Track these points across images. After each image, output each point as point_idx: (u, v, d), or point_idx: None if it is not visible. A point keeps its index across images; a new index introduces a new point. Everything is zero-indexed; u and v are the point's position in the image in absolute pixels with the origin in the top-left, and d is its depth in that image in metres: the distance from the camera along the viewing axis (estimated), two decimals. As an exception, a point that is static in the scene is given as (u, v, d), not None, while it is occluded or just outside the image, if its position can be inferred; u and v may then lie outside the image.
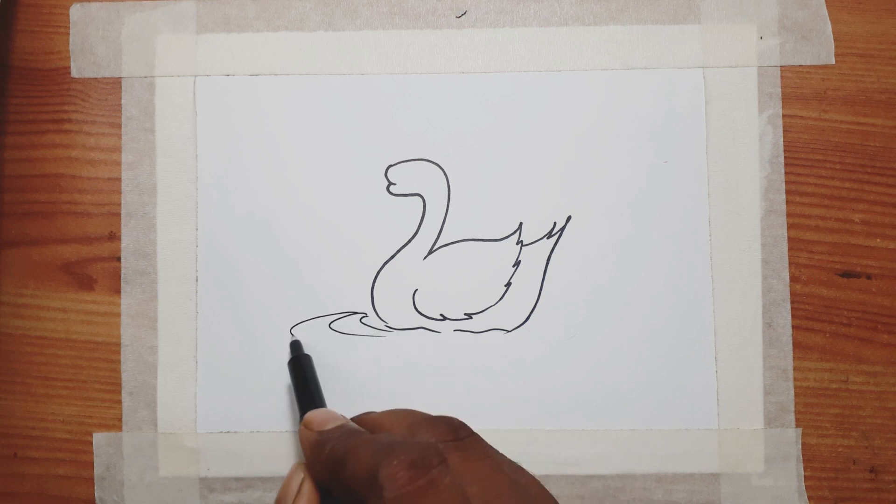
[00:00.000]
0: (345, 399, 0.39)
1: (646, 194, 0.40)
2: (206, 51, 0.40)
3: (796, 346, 0.39)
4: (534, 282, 0.39)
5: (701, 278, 0.39)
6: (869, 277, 0.39)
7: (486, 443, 0.29)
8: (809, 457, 0.39)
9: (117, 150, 0.40)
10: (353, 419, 0.33)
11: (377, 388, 0.39)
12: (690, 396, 0.39)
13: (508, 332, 0.39)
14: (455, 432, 0.29)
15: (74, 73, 0.40)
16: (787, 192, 0.39)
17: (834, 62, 0.40)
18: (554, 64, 0.40)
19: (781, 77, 0.40)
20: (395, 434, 0.29)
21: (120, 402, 0.39)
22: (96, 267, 0.40)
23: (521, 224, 0.40)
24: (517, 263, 0.40)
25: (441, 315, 0.40)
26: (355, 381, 0.39)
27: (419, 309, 0.39)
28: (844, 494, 0.39)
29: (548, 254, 0.40)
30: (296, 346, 0.38)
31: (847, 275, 0.39)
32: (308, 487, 0.30)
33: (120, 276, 0.40)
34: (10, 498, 0.39)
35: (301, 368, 0.37)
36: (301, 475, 0.31)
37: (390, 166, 0.40)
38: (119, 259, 0.40)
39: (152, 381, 0.39)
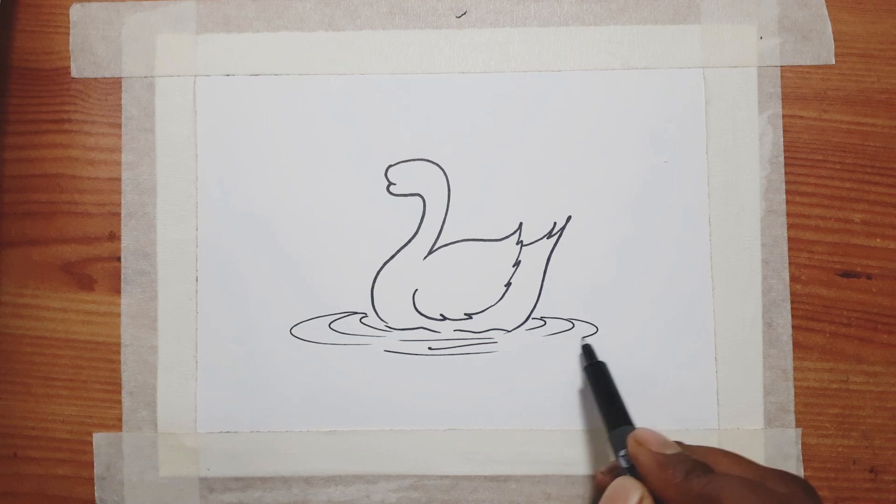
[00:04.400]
0: (345, 399, 0.39)
1: (646, 194, 0.40)
2: (206, 51, 0.40)
3: (796, 346, 0.39)
4: (534, 282, 0.39)
5: (701, 278, 0.39)
6: (869, 277, 0.39)
7: None
8: (809, 457, 0.39)
9: (117, 150, 0.40)
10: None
11: (377, 387, 0.39)
12: (690, 396, 0.39)
13: (508, 332, 0.39)
14: (812, 496, 0.29)
15: (74, 73, 0.40)
16: (787, 192, 0.39)
17: (834, 62, 0.40)
18: (554, 64, 0.40)
19: (781, 77, 0.40)
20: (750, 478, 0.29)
21: (120, 402, 0.39)
22: (96, 267, 0.40)
23: (521, 224, 0.40)
24: (517, 263, 0.40)
25: (441, 315, 0.40)
26: (356, 381, 0.39)
27: (419, 309, 0.39)
28: (844, 494, 0.39)
29: (548, 254, 0.40)
30: (589, 351, 0.38)
31: (847, 275, 0.39)
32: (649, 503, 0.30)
33: (120, 276, 0.40)
34: (10, 498, 0.39)
35: (604, 375, 0.37)
36: (639, 492, 0.30)
37: (390, 166, 0.40)
38: (119, 259, 0.40)
39: (152, 381, 0.39)
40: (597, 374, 0.37)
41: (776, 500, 0.27)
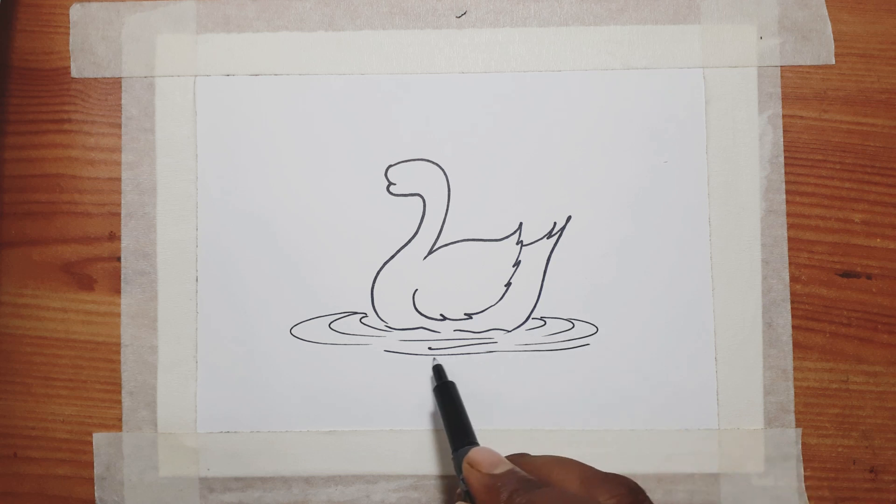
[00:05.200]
0: (345, 399, 0.39)
1: (646, 194, 0.40)
2: (206, 51, 0.40)
3: (796, 346, 0.39)
4: (534, 282, 0.39)
5: (701, 278, 0.39)
6: (869, 277, 0.39)
7: None
8: (809, 457, 0.39)
9: (117, 150, 0.40)
10: (509, 458, 0.33)
11: (377, 387, 0.39)
12: (690, 396, 0.39)
13: (508, 332, 0.39)
14: (634, 496, 0.29)
15: (74, 73, 0.40)
16: (787, 192, 0.39)
17: (834, 62, 0.40)
18: (554, 64, 0.40)
19: (781, 77, 0.40)
20: (571, 489, 0.30)
21: (120, 402, 0.39)
22: (96, 267, 0.40)
23: (521, 224, 0.40)
24: (517, 263, 0.40)
25: (441, 315, 0.40)
26: (356, 382, 0.39)
27: (419, 309, 0.39)
28: (844, 494, 0.39)
29: (548, 254, 0.40)
30: (439, 372, 0.38)
31: (847, 275, 0.39)
32: None
33: (120, 276, 0.40)
34: (10, 498, 0.39)
35: (450, 396, 0.37)
36: None
37: (390, 166, 0.40)
38: (119, 259, 0.40)
39: (152, 381, 0.39)
40: (444, 395, 0.37)
41: None
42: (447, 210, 0.40)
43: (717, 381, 0.39)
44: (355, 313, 0.39)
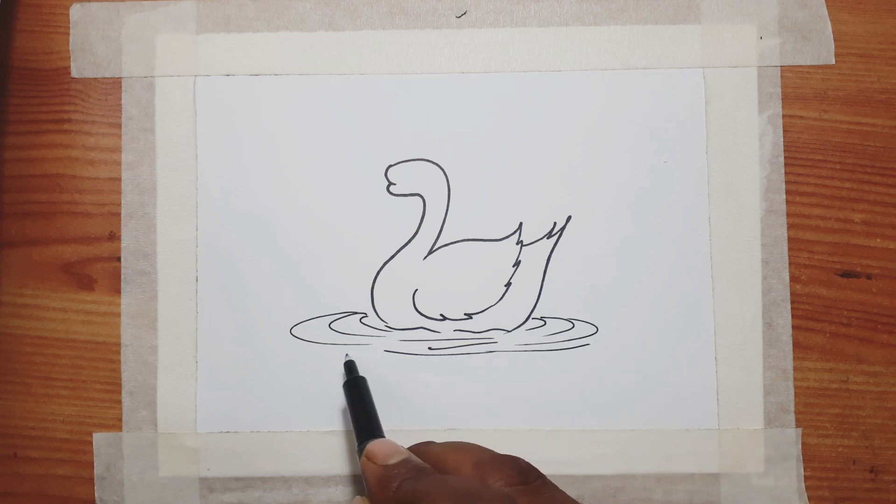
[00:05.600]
0: (344, 400, 0.39)
1: (646, 194, 0.40)
2: (206, 51, 0.40)
3: (796, 346, 0.39)
4: (534, 282, 0.39)
5: (701, 278, 0.39)
6: (869, 277, 0.39)
7: (553, 485, 0.29)
8: (809, 457, 0.39)
9: (117, 150, 0.40)
10: (411, 448, 0.33)
11: (377, 387, 0.39)
12: (690, 396, 0.39)
13: (508, 332, 0.39)
14: (524, 476, 0.29)
15: (74, 73, 0.40)
16: (787, 192, 0.39)
17: (834, 62, 0.40)
18: (554, 64, 0.40)
19: (781, 77, 0.40)
20: (463, 474, 0.30)
21: (120, 402, 0.39)
22: (96, 267, 0.40)
23: (521, 224, 0.40)
24: (517, 263, 0.40)
25: (441, 315, 0.40)
26: (355, 381, 0.39)
27: (419, 309, 0.39)
28: (844, 494, 0.39)
29: (548, 254, 0.40)
30: (350, 367, 0.38)
31: (847, 275, 0.39)
32: None
33: (120, 276, 0.40)
34: (10, 498, 0.39)
35: (358, 391, 0.37)
36: None
37: (390, 166, 0.40)
38: (119, 259, 0.40)
39: (152, 381, 0.39)
40: (352, 390, 0.37)
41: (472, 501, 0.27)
42: (447, 210, 0.40)
43: (717, 381, 0.39)
44: (355, 313, 0.39)
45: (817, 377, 0.39)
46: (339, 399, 0.39)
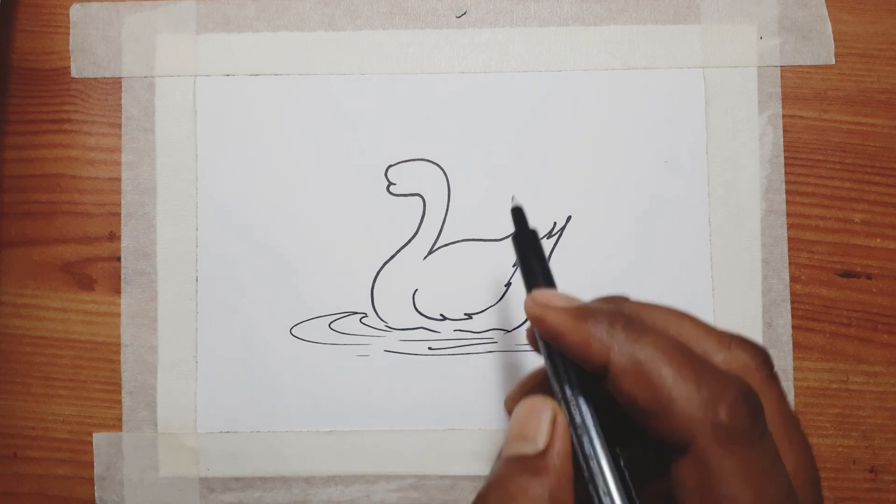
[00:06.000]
0: (345, 399, 0.39)
1: (646, 194, 0.40)
2: (206, 51, 0.40)
3: (796, 346, 0.39)
4: (534, 282, 0.39)
5: (701, 278, 0.39)
6: (869, 277, 0.39)
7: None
8: (809, 457, 0.39)
9: (117, 150, 0.40)
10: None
11: (377, 388, 0.39)
12: (690, 396, 0.39)
13: (508, 331, 0.39)
14: (769, 364, 0.24)
15: (74, 73, 0.40)
16: (788, 192, 0.39)
17: (834, 62, 0.40)
18: (554, 64, 0.40)
19: (781, 77, 0.40)
20: (700, 341, 0.24)
21: (120, 402, 0.39)
22: (96, 267, 0.40)
23: (521, 224, 0.40)
24: (517, 263, 0.39)
25: (441, 315, 0.39)
26: (355, 381, 0.39)
27: (419, 309, 0.39)
28: (845, 494, 0.39)
29: (548, 254, 0.39)
30: (519, 215, 0.31)
31: (847, 275, 0.39)
32: (562, 419, 0.24)
33: (120, 276, 0.40)
34: (10, 498, 0.39)
35: (533, 243, 0.30)
36: (550, 407, 0.24)
37: (390, 166, 0.40)
38: (119, 259, 0.40)
39: (152, 381, 0.39)
40: (526, 243, 0.30)
41: (725, 380, 0.22)
42: (447, 210, 0.40)
43: (717, 381, 0.39)
44: (355, 313, 0.39)
45: (817, 377, 0.39)
46: (339, 399, 0.39)
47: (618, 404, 0.23)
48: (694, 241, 0.39)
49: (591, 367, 0.24)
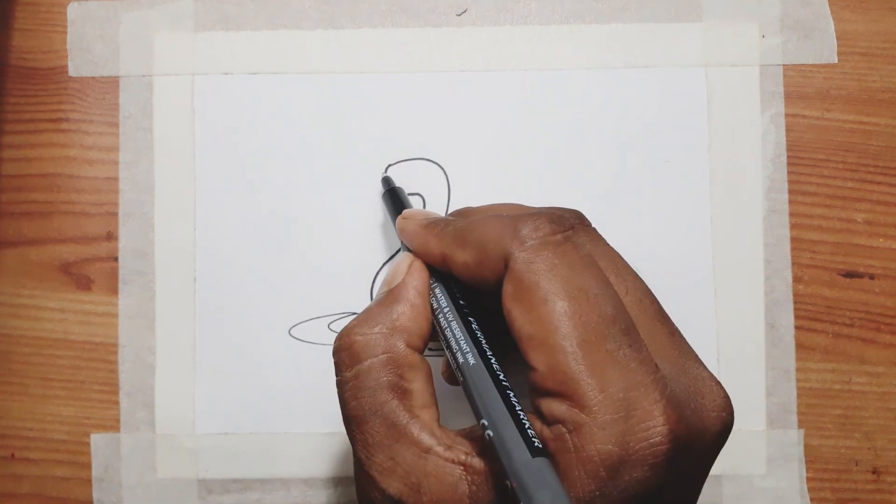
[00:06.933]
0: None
1: (647, 194, 0.39)
2: (205, 49, 0.40)
3: (799, 346, 0.39)
4: (534, 282, 0.39)
5: (702, 279, 0.39)
6: (872, 277, 0.39)
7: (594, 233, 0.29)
8: (812, 458, 0.39)
9: (115, 149, 0.40)
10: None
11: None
12: (692, 397, 0.39)
13: (509, 332, 0.39)
14: (581, 219, 0.28)
15: (72, 72, 0.40)
16: (790, 191, 0.39)
17: (836, 61, 0.40)
18: (555, 62, 0.40)
19: (784, 76, 0.40)
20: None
21: (118, 402, 0.39)
22: (94, 267, 0.40)
23: (521, 224, 0.39)
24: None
25: (441, 315, 0.39)
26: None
27: (419, 309, 0.39)
28: (847, 496, 0.39)
29: (548, 254, 0.39)
30: (387, 180, 0.38)
31: (850, 275, 0.39)
32: (418, 263, 0.29)
33: (118, 277, 0.39)
34: (7, 499, 0.39)
35: (399, 192, 0.37)
36: (410, 257, 0.30)
37: (390, 165, 0.40)
38: (117, 259, 0.39)
39: (150, 382, 0.39)
40: (395, 193, 0.37)
41: (518, 217, 0.27)
42: (447, 209, 0.40)
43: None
44: (355, 314, 0.39)
45: (820, 378, 0.39)
46: (334, 399, 0.39)
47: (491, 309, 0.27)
48: (695, 241, 0.39)
49: (434, 261, 0.29)
